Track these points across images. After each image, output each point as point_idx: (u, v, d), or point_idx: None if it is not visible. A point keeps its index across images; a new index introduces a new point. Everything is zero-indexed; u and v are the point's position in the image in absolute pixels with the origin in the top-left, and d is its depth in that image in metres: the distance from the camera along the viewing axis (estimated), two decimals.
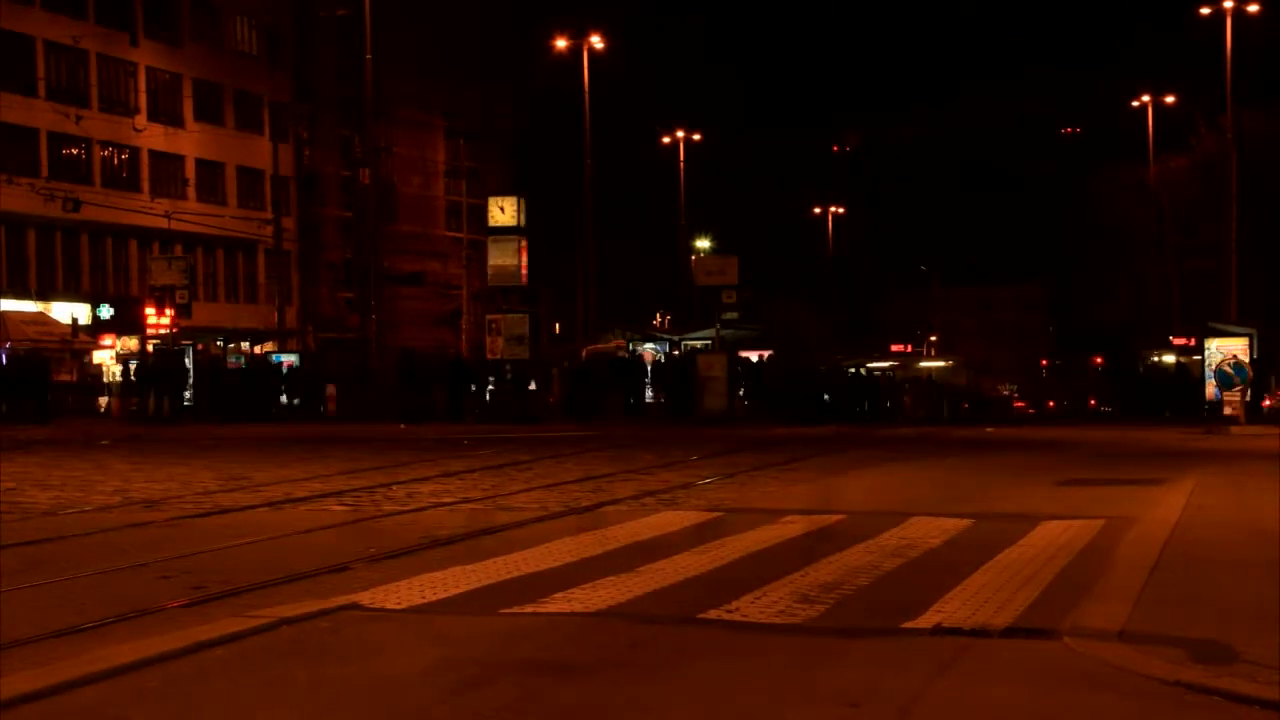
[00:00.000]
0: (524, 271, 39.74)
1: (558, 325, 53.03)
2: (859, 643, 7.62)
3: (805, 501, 14.90)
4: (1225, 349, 38.00)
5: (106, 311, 57.60)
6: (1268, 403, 32.54)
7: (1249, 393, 32.63)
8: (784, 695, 6.57)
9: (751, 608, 8.57)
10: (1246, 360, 35.71)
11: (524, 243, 39.83)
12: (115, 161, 60.52)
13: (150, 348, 46.77)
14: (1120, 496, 15.25)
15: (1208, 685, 6.49)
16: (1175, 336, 56.34)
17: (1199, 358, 41.87)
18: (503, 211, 39.85)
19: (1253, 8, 47.23)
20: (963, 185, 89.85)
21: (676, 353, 46.76)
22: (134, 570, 10.30)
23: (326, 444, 27.22)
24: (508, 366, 39.00)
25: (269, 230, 58.98)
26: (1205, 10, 47.49)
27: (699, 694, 6.63)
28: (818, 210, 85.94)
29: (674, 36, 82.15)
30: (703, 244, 78.65)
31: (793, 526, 12.51)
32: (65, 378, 51.10)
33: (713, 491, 16.46)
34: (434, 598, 8.96)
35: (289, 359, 49.69)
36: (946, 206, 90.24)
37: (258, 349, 58.43)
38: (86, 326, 55.88)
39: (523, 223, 39.86)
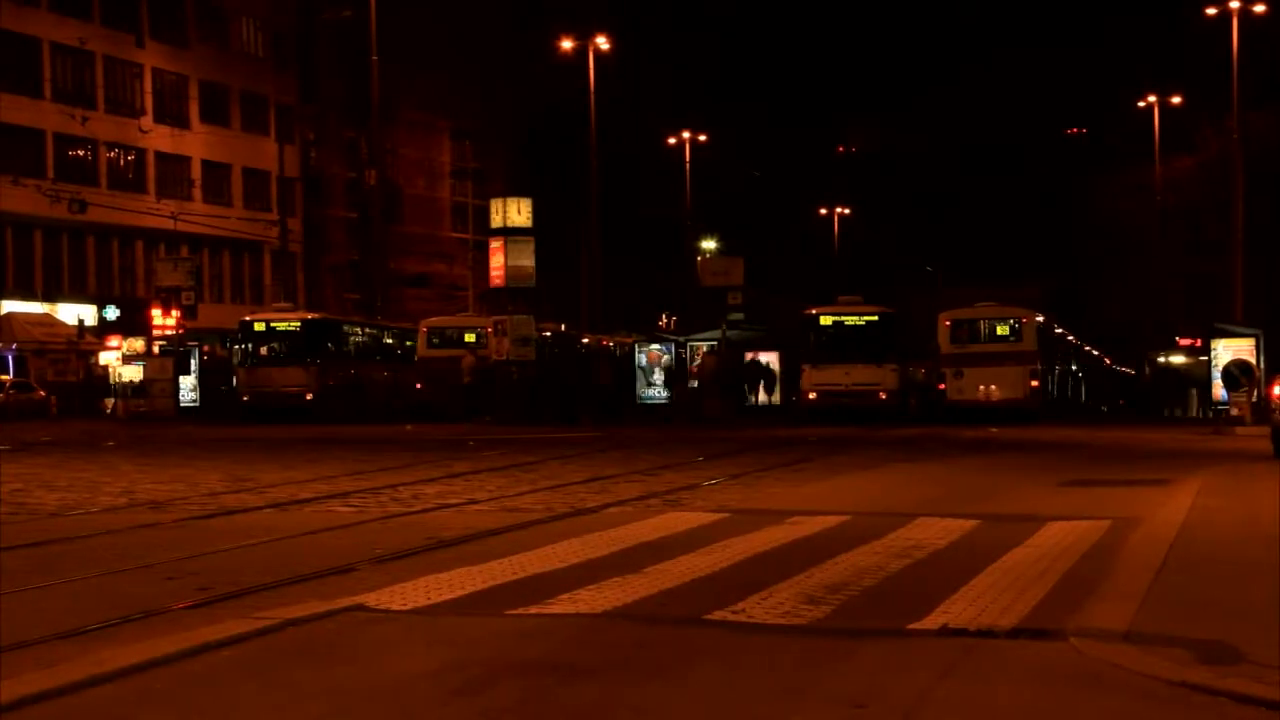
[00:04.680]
0: (531, 272, 39.70)
1: (563, 325, 52.99)
2: (865, 644, 7.62)
3: (810, 502, 14.89)
4: (1232, 349, 38.03)
5: (112, 312, 57.72)
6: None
7: (1255, 393, 32.58)
8: (790, 696, 6.57)
9: (757, 609, 8.58)
10: (1253, 361, 35.68)
11: (529, 243, 39.79)
12: (121, 163, 60.59)
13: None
14: (1126, 497, 15.24)
15: (1213, 686, 6.49)
16: (1181, 337, 56.32)
17: (1205, 358, 41.86)
18: (504, 213, 39.83)
19: (1259, 8, 47.18)
20: (967, 185, 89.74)
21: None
22: (140, 571, 10.32)
23: (333, 445, 27.25)
24: (514, 368, 39.02)
25: (274, 231, 59.06)
26: (1211, 11, 47.45)
27: (705, 695, 6.63)
28: (824, 211, 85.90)
29: (678, 37, 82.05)
30: (708, 245, 78.63)
31: (798, 527, 12.51)
32: (70, 379, 51.23)
33: (718, 493, 16.46)
34: (440, 599, 8.97)
35: None
36: (952, 207, 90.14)
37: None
38: (92, 328, 55.95)
39: (529, 224, 39.83)
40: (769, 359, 45.31)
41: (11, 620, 8.21)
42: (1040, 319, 40.83)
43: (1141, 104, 63.97)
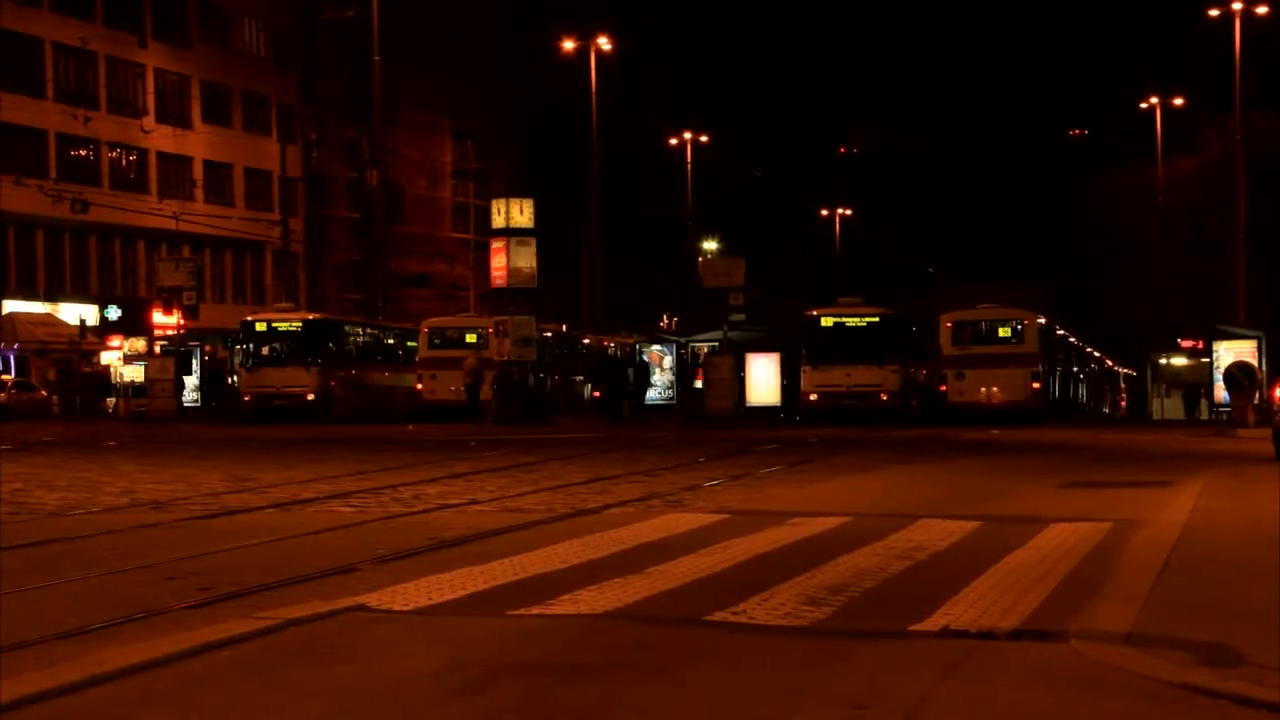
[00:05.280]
0: (533, 273, 39.70)
1: (564, 325, 53.04)
2: (866, 645, 7.61)
3: (812, 503, 14.89)
4: (1234, 351, 38.02)
5: (114, 312, 57.76)
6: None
7: (1257, 395, 32.59)
8: (791, 697, 6.57)
9: (758, 610, 8.57)
10: (1255, 363, 35.67)
11: (530, 244, 39.79)
12: (123, 163, 60.65)
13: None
14: (1128, 499, 15.23)
15: (1214, 688, 6.48)
16: (1183, 339, 56.27)
17: (1207, 360, 41.86)
18: (505, 214, 39.84)
19: (1261, 9, 47.20)
20: (969, 186, 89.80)
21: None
22: (142, 571, 10.32)
23: (334, 445, 27.26)
24: (515, 368, 39.02)
25: (276, 231, 59.12)
26: (1214, 12, 47.46)
27: (705, 695, 6.63)
28: (825, 212, 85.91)
29: (678, 37, 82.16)
30: (710, 245, 78.66)
31: (799, 529, 12.50)
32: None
33: (719, 493, 16.46)
34: (441, 599, 8.97)
35: None
36: (953, 208, 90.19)
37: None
38: (94, 327, 56.00)
39: (530, 224, 39.85)
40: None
41: (12, 620, 8.20)
42: (1042, 320, 40.82)
43: (1144, 105, 63.93)
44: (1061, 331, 48.76)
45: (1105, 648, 7.30)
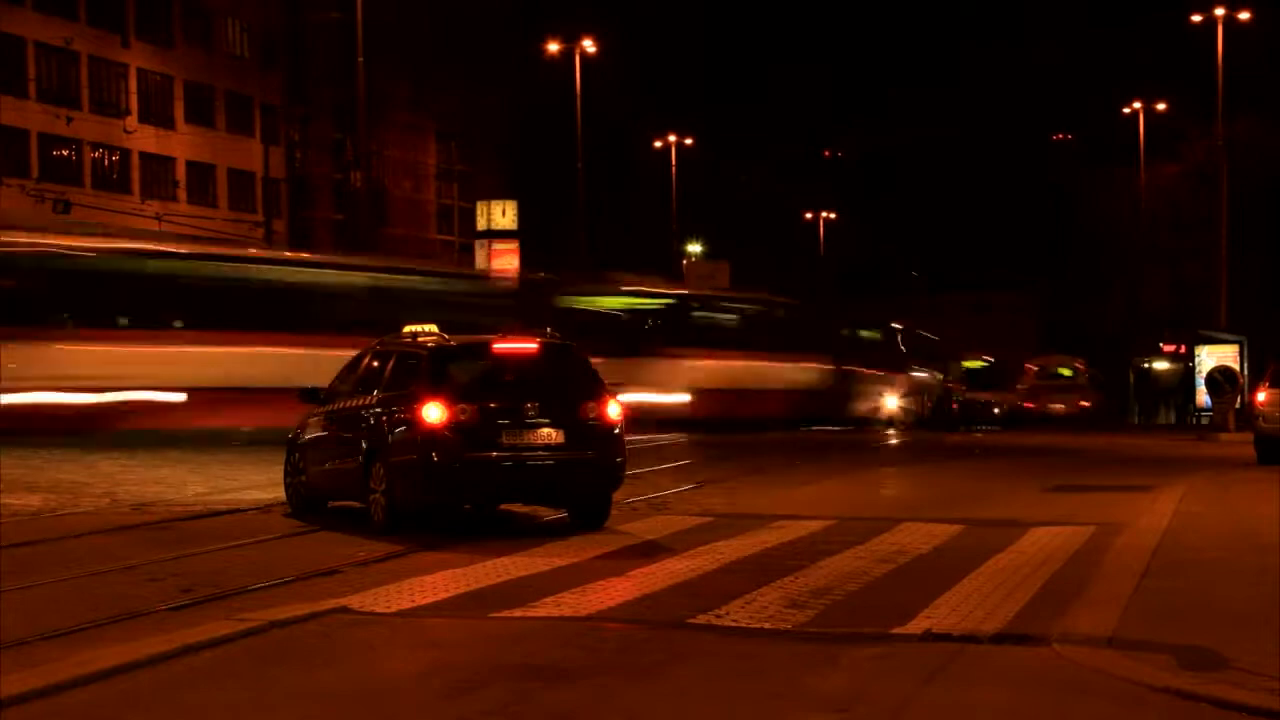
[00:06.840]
0: (515, 274, 39.73)
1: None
2: (849, 648, 7.62)
3: (796, 507, 14.89)
4: (1215, 356, 38.17)
5: None
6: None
7: (1238, 400, 32.70)
8: (773, 699, 6.57)
9: (742, 613, 8.58)
10: (1236, 367, 35.80)
11: (514, 245, 39.86)
12: (106, 163, 60.40)
13: None
14: (1110, 503, 15.26)
15: (1196, 692, 6.50)
16: (1165, 343, 56.41)
17: (1191, 364, 41.99)
18: (493, 215, 39.88)
19: (1244, 15, 47.40)
20: (955, 190, 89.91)
21: None
22: (124, 573, 10.28)
23: None
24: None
25: (260, 233, 58.89)
26: (1197, 18, 47.65)
27: (688, 698, 6.63)
28: (809, 216, 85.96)
29: (672, 37, 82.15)
30: (694, 248, 78.66)
31: (783, 532, 12.51)
32: None
33: (704, 497, 16.44)
34: (424, 601, 8.96)
35: None
36: (939, 212, 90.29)
37: None
38: None
39: (514, 225, 39.89)
40: None
41: None
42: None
43: (1127, 110, 64.09)
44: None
45: (1088, 651, 7.32)
